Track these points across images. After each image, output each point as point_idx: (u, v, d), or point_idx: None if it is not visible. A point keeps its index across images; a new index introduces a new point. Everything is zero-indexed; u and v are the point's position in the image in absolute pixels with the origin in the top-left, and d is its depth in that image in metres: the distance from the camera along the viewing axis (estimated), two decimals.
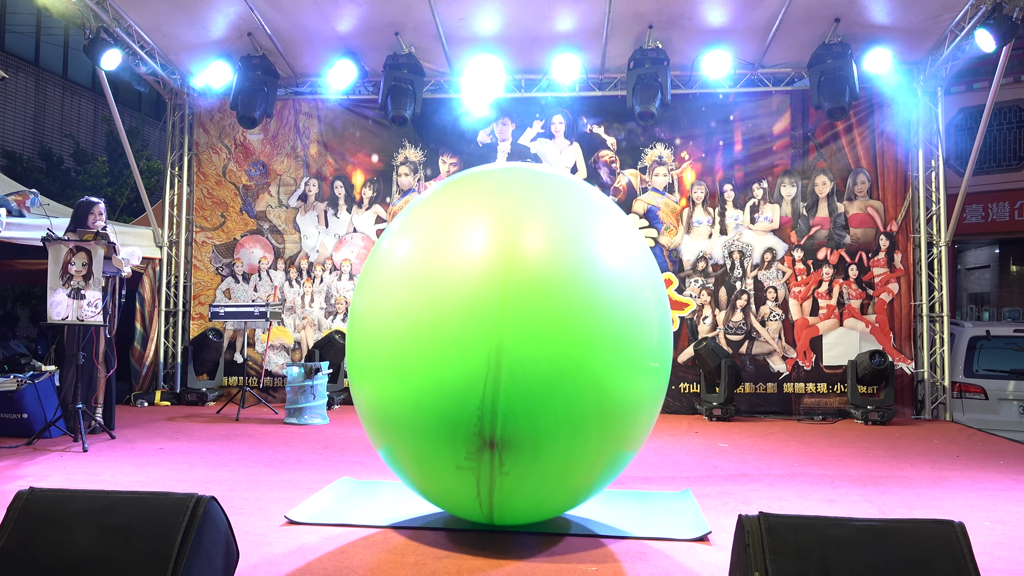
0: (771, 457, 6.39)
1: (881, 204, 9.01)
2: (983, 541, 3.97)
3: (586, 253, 3.55)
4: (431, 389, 3.36)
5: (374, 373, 3.69)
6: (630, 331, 3.53)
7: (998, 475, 5.71)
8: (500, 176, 4.12)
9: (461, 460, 3.37)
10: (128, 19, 8.27)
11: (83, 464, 5.62)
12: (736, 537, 2.78)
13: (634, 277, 3.68)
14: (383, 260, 3.79)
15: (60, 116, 17.86)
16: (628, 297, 3.58)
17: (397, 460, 3.80)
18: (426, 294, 3.43)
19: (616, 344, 3.46)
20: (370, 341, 3.68)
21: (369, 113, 9.58)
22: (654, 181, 9.25)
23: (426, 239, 3.64)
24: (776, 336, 9.01)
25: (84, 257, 6.15)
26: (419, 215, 3.85)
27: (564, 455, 3.45)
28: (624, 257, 3.71)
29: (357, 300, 3.88)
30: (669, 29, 8.26)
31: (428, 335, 3.37)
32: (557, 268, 3.42)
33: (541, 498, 3.66)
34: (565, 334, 3.33)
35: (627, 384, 3.55)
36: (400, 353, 3.48)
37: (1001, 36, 7.05)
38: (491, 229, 3.49)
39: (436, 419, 3.38)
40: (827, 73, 8.11)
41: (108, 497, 2.79)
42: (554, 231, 3.55)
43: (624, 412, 3.58)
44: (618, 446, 3.70)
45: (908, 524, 2.67)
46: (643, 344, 3.60)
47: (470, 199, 3.78)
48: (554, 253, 3.47)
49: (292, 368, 7.92)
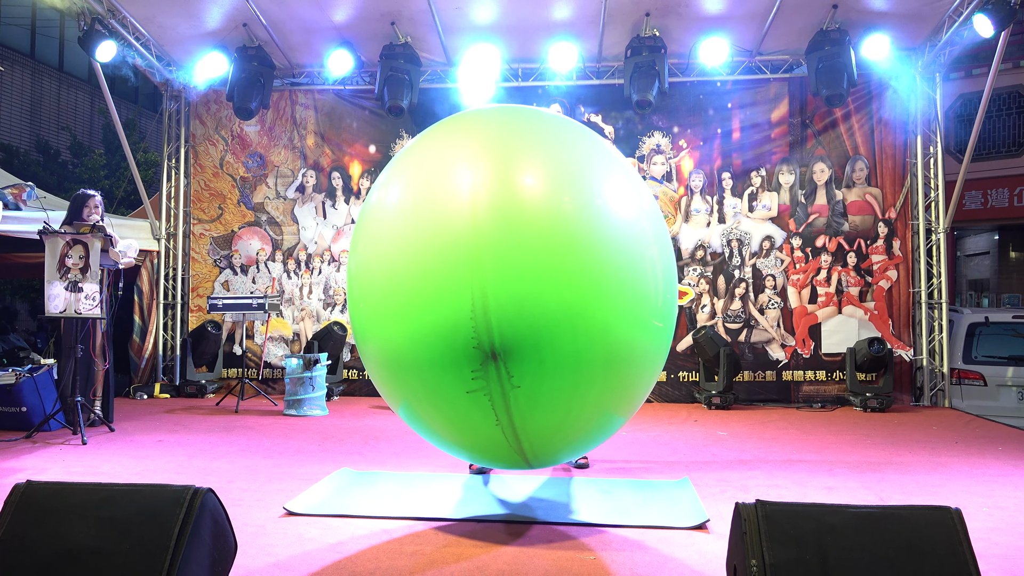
0: (770, 445, 6.40)
1: (879, 191, 8.99)
2: (981, 527, 3.98)
3: (589, 196, 3.37)
4: (423, 322, 3.22)
5: (374, 325, 3.55)
6: (634, 283, 3.35)
7: (996, 461, 5.72)
8: (499, 115, 3.92)
9: (468, 382, 3.19)
10: (123, 10, 8.23)
11: (82, 457, 5.62)
12: (733, 525, 2.78)
13: (641, 231, 3.49)
14: (371, 212, 3.66)
15: (56, 109, 17.82)
16: (633, 249, 3.39)
17: (414, 413, 3.65)
18: (410, 232, 3.31)
19: (619, 292, 3.28)
20: (367, 293, 3.56)
21: (366, 103, 9.56)
22: (652, 170, 9.23)
23: (412, 182, 3.51)
24: (775, 324, 9.01)
25: (81, 250, 6.15)
26: (408, 158, 3.70)
27: (571, 361, 3.22)
28: (632, 208, 3.52)
29: (352, 259, 3.75)
30: (666, 16, 8.23)
31: (413, 272, 3.24)
32: (548, 205, 3.26)
33: (561, 416, 3.39)
34: (548, 264, 3.16)
35: (628, 335, 3.35)
36: (393, 296, 3.35)
37: (999, 21, 7.02)
38: (476, 164, 3.31)
39: (433, 348, 3.22)
40: (825, 60, 8.08)
41: (105, 489, 2.79)
42: (548, 170, 3.39)
43: (626, 358, 3.38)
44: (615, 392, 3.50)
45: (905, 510, 2.67)
46: (647, 300, 3.42)
47: (463, 137, 3.59)
48: (549, 190, 3.31)
49: (291, 360, 7.93)
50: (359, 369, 9.38)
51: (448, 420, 3.50)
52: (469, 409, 3.28)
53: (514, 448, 3.41)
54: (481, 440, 3.48)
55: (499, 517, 4.09)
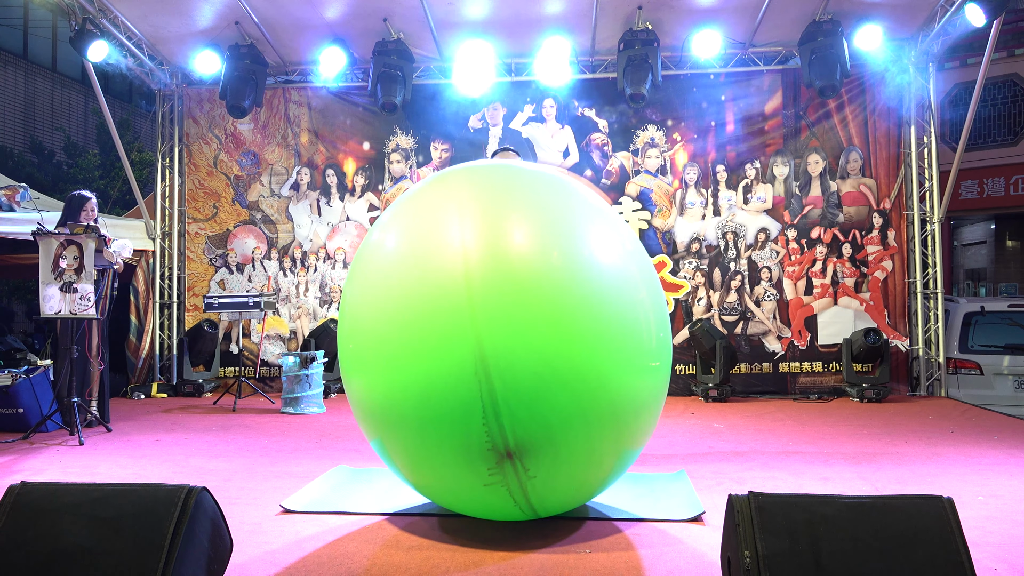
0: (766, 436, 6.42)
1: (874, 182, 9.00)
2: (976, 515, 3.99)
3: (576, 250, 3.42)
4: (429, 397, 3.25)
5: (368, 369, 3.58)
6: (627, 331, 3.41)
7: (992, 450, 5.73)
8: (486, 172, 3.95)
9: (486, 477, 3.30)
10: (114, 10, 8.21)
11: (79, 457, 5.63)
12: (727, 517, 2.79)
13: (629, 276, 3.55)
14: (372, 253, 3.70)
15: (50, 109, 17.77)
16: (623, 296, 3.45)
17: (403, 471, 3.75)
18: (406, 293, 3.33)
19: (613, 343, 3.33)
20: (363, 337, 3.59)
21: (359, 100, 9.54)
22: (646, 163, 9.22)
23: (408, 234, 3.55)
24: (771, 316, 9.02)
25: (75, 251, 6.13)
26: (405, 208, 3.74)
27: (583, 442, 3.34)
28: (617, 255, 3.57)
29: (348, 291, 3.79)
30: (659, 10, 8.22)
31: (411, 335, 3.28)
32: (539, 264, 3.29)
33: (575, 488, 3.62)
34: (552, 332, 3.20)
35: (627, 383, 3.43)
36: (390, 353, 3.38)
37: (991, 10, 7.01)
38: (470, 224, 3.34)
39: (445, 442, 3.29)
40: (818, 51, 8.07)
41: (100, 489, 2.80)
42: (538, 227, 3.42)
43: (626, 411, 3.47)
44: (625, 443, 3.62)
45: (897, 500, 2.68)
46: (642, 344, 3.49)
47: (456, 193, 3.60)
48: (538, 249, 3.34)
49: (288, 358, 7.93)
50: None
51: (461, 499, 3.69)
52: (487, 496, 3.45)
53: (527, 514, 3.62)
54: (495, 512, 3.69)
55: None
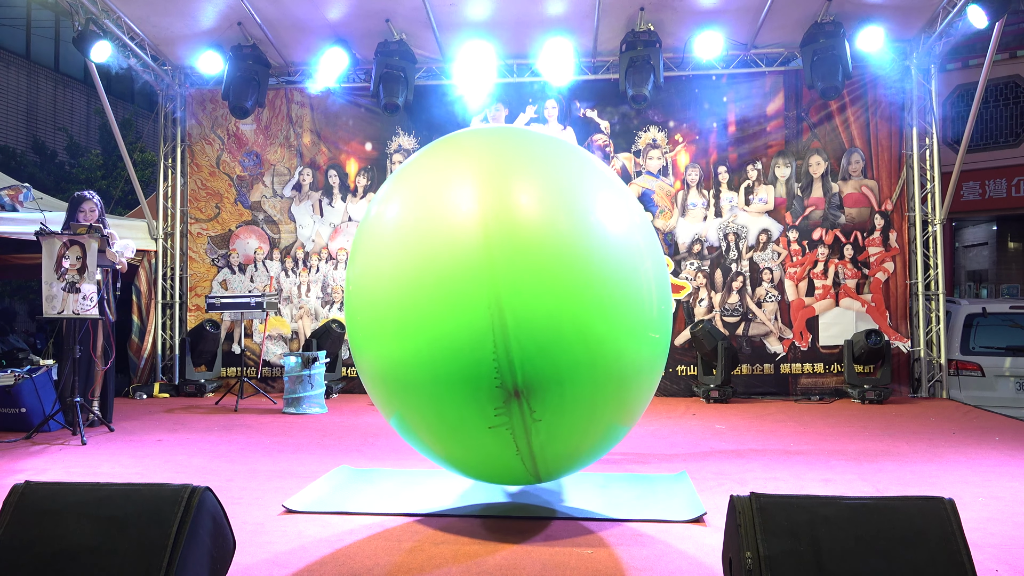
0: (767, 437, 6.42)
1: (876, 183, 9.00)
2: (977, 517, 4.00)
3: (583, 215, 3.43)
4: (442, 352, 3.26)
5: (379, 339, 3.57)
6: (629, 297, 3.42)
7: (993, 451, 5.74)
8: (494, 135, 3.97)
9: (491, 418, 3.27)
10: (117, 10, 8.23)
11: (82, 457, 5.64)
12: (728, 517, 2.80)
13: (635, 246, 3.56)
14: (375, 225, 3.69)
15: (53, 109, 17.79)
16: (627, 264, 3.47)
17: (416, 432, 3.73)
18: (420, 253, 3.33)
19: (615, 308, 3.35)
20: (372, 307, 3.59)
21: (362, 101, 9.56)
22: (648, 164, 9.23)
23: (417, 198, 3.55)
24: (772, 317, 9.03)
25: (78, 251, 6.15)
26: (408, 176, 3.74)
27: (588, 389, 3.34)
28: (625, 225, 3.59)
29: (352, 268, 3.78)
30: (661, 11, 8.23)
31: (426, 296, 3.28)
32: (550, 226, 3.31)
33: (575, 441, 3.55)
34: (561, 291, 3.22)
35: (629, 347, 3.44)
36: (403, 317, 3.38)
37: (993, 12, 7.02)
38: (481, 185, 3.35)
39: (455, 384, 3.28)
40: (820, 52, 8.08)
41: (104, 489, 2.81)
42: (548, 191, 3.45)
43: (627, 372, 3.48)
44: (623, 405, 3.62)
45: (898, 501, 2.69)
46: (643, 312, 3.50)
47: (461, 157, 3.61)
48: (548, 211, 3.36)
49: (290, 358, 7.94)
50: None
51: (466, 450, 3.63)
52: (489, 442, 3.40)
53: (530, 472, 3.57)
54: (497, 466, 3.63)
55: (497, 512, 4.10)
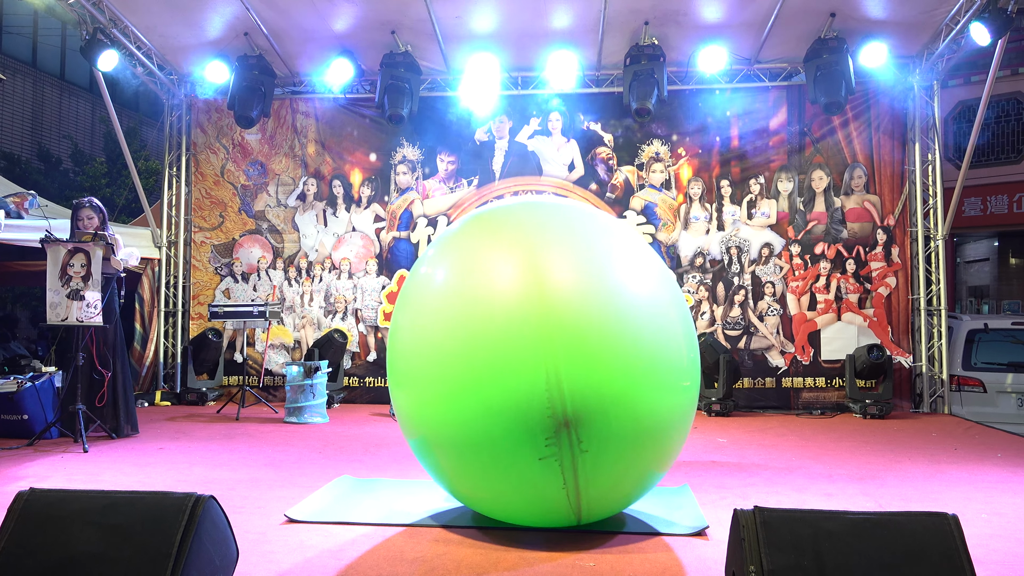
0: (769, 451, 6.41)
1: (878, 198, 9.02)
2: (979, 533, 3.99)
3: (614, 282, 3.71)
4: (499, 398, 3.48)
5: (428, 394, 3.78)
6: (662, 352, 3.67)
7: (996, 467, 5.73)
8: (526, 211, 4.22)
9: (542, 449, 3.43)
10: (124, 20, 8.28)
11: (84, 465, 5.64)
12: (732, 531, 2.80)
13: (662, 302, 3.81)
14: (424, 283, 3.99)
15: (58, 117, 17.87)
16: (658, 322, 3.72)
17: (458, 481, 3.93)
18: (481, 315, 3.60)
19: (657, 366, 3.63)
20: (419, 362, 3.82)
21: (366, 112, 9.60)
22: (651, 177, 9.26)
23: (464, 268, 3.85)
24: (774, 331, 9.03)
25: (83, 258, 6.17)
26: (452, 247, 4.04)
27: (630, 426, 3.53)
28: (650, 283, 3.85)
29: (401, 319, 4.03)
30: (665, 25, 8.27)
31: (490, 352, 3.52)
32: (590, 298, 3.58)
33: (618, 477, 3.69)
34: (601, 350, 3.49)
35: (662, 404, 3.67)
36: (457, 373, 3.61)
37: (996, 29, 7.05)
38: (522, 262, 3.65)
39: (508, 421, 3.47)
40: (823, 68, 8.11)
41: (108, 497, 2.82)
42: (580, 262, 3.72)
43: (666, 422, 3.71)
44: (663, 449, 3.83)
45: (902, 517, 2.69)
46: (675, 365, 3.73)
47: (501, 231, 3.92)
48: (585, 283, 3.63)
49: (292, 367, 7.94)
50: (359, 376, 9.40)
51: (513, 488, 3.70)
52: (538, 475, 3.53)
53: (572, 509, 3.67)
54: (543, 504, 3.71)
55: (500, 524, 4.10)
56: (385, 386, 9.29)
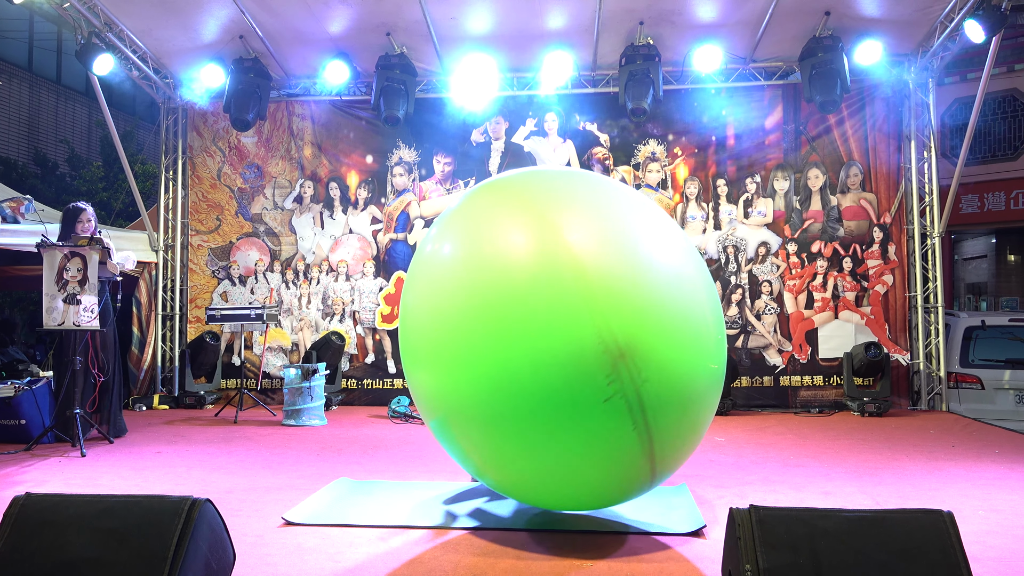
0: (767, 450, 6.42)
1: (874, 196, 9.03)
2: (976, 530, 4.00)
3: (642, 254, 3.60)
4: (543, 348, 3.34)
5: (457, 369, 3.62)
6: (691, 324, 3.57)
7: (993, 464, 5.74)
8: (532, 178, 4.12)
9: (605, 389, 3.28)
10: (119, 23, 8.27)
11: (81, 469, 5.63)
12: (728, 530, 2.81)
13: (694, 282, 3.71)
14: (433, 260, 3.89)
15: (54, 121, 17.86)
16: (691, 298, 3.62)
17: (504, 460, 3.72)
18: (494, 283, 3.52)
19: (691, 337, 3.54)
20: (444, 338, 3.68)
21: (362, 114, 9.60)
22: (647, 177, 9.26)
23: (474, 237, 3.75)
24: (771, 330, 9.04)
25: (79, 262, 6.17)
26: (456, 221, 3.93)
27: (683, 360, 3.46)
28: (680, 258, 3.75)
29: (413, 299, 3.95)
30: (660, 25, 8.28)
31: (515, 315, 3.42)
32: (616, 255, 3.50)
33: (683, 414, 3.54)
34: (641, 307, 3.40)
35: (698, 370, 3.57)
36: (490, 340, 3.48)
37: (990, 27, 7.07)
38: (535, 222, 3.59)
39: (562, 365, 3.31)
40: (818, 66, 8.12)
41: (104, 501, 2.81)
42: (604, 227, 3.63)
43: (695, 396, 3.58)
44: (696, 422, 3.72)
45: (898, 514, 2.70)
46: (705, 341, 3.63)
47: (509, 197, 3.85)
48: (609, 242, 3.54)
49: (289, 370, 7.94)
50: (357, 379, 9.40)
51: (581, 446, 3.46)
52: (605, 421, 3.35)
53: (646, 455, 3.47)
54: (616, 456, 3.50)
55: (495, 525, 4.10)
56: (383, 388, 9.35)
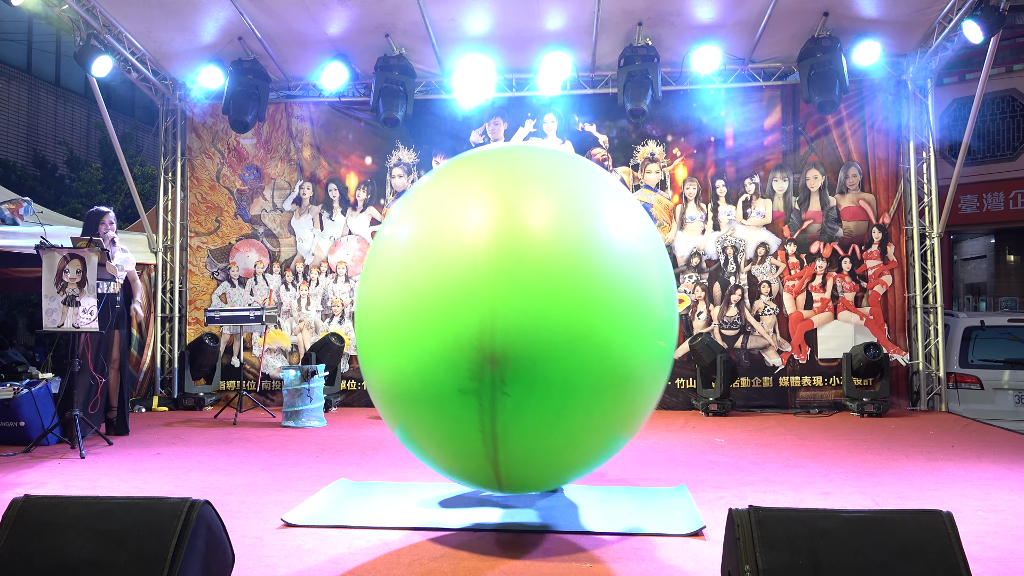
0: (767, 451, 6.42)
1: (873, 197, 9.03)
2: (976, 530, 4.00)
3: (591, 226, 3.54)
4: (433, 330, 3.37)
5: (379, 350, 3.71)
6: (635, 303, 3.49)
7: (992, 464, 5.74)
8: (500, 152, 4.10)
9: (465, 381, 3.29)
10: (118, 25, 8.27)
11: (80, 471, 5.63)
12: (727, 531, 2.80)
13: (640, 253, 3.65)
14: (382, 246, 3.87)
15: (53, 123, 17.86)
16: (634, 272, 3.54)
17: (406, 425, 3.80)
18: (422, 265, 3.48)
19: (622, 313, 3.43)
20: (374, 321, 3.72)
21: (361, 115, 9.60)
22: (646, 178, 9.27)
23: (424, 216, 3.70)
24: (771, 330, 9.04)
25: (78, 264, 6.16)
26: (417, 197, 3.89)
27: (562, 380, 3.34)
28: (631, 234, 3.68)
29: (361, 289, 3.93)
30: (658, 26, 8.28)
31: (426, 301, 3.41)
32: (557, 237, 3.42)
33: (543, 435, 3.47)
34: (565, 297, 3.32)
35: (631, 351, 3.49)
36: (401, 322, 3.51)
37: (988, 27, 7.07)
38: (489, 202, 3.51)
39: (440, 350, 3.34)
40: (817, 67, 8.13)
41: (103, 503, 2.81)
42: (555, 203, 3.57)
43: (626, 377, 3.50)
44: (618, 408, 3.59)
45: (897, 515, 2.69)
46: (649, 318, 3.56)
47: (472, 176, 3.80)
48: (556, 223, 3.48)
49: (289, 371, 7.94)
50: (357, 380, 9.40)
51: (435, 424, 3.57)
52: (456, 409, 3.38)
53: (489, 459, 3.48)
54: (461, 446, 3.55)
55: (496, 527, 4.10)
56: None
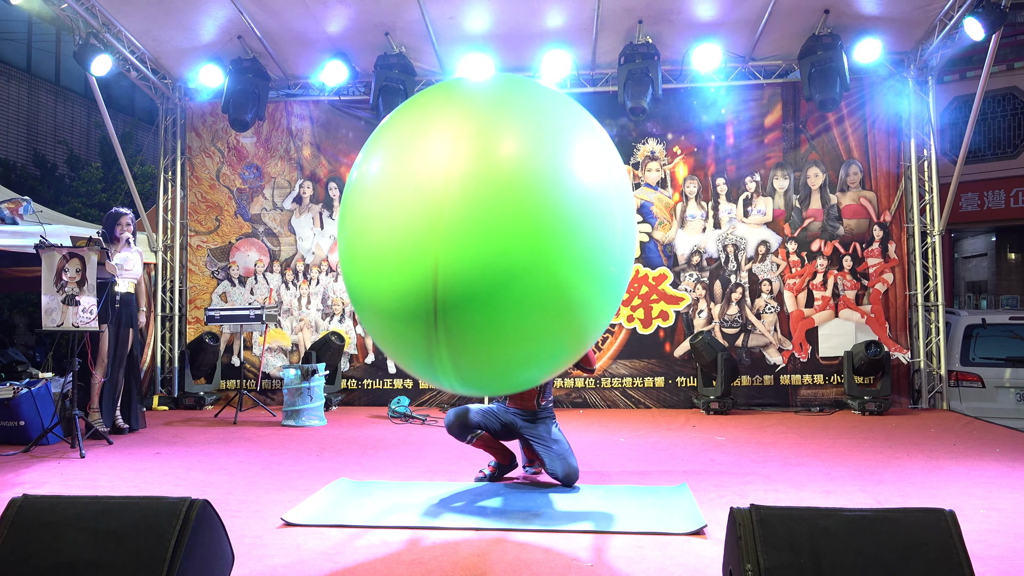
0: (768, 449, 6.41)
1: (874, 194, 9.02)
2: (978, 529, 3.99)
3: (544, 158, 3.33)
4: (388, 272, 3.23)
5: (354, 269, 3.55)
6: (586, 234, 3.31)
7: (994, 463, 5.73)
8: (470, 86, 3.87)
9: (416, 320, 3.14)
10: (117, 24, 8.26)
11: (80, 470, 5.62)
12: (728, 530, 2.79)
13: (596, 185, 3.48)
14: (349, 190, 3.65)
15: (53, 122, 17.86)
16: (586, 204, 3.36)
17: None
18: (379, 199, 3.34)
19: (574, 241, 3.26)
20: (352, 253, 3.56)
21: (361, 114, 9.58)
22: (647, 176, 9.25)
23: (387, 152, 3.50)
24: (772, 329, 9.02)
25: (77, 263, 6.16)
26: (383, 134, 3.65)
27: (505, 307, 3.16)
28: (592, 170, 3.53)
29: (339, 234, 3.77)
30: (659, 23, 8.27)
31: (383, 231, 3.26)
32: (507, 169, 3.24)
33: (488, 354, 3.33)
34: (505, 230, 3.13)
35: (577, 279, 3.30)
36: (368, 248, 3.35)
37: (990, 24, 7.06)
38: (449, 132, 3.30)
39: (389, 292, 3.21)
40: (817, 65, 8.11)
41: (102, 502, 2.80)
42: (512, 134, 3.38)
43: (573, 303, 3.33)
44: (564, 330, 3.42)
45: (899, 513, 2.68)
46: (601, 248, 3.39)
47: (442, 107, 3.58)
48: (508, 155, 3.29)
49: (289, 370, 7.93)
50: (357, 379, 9.39)
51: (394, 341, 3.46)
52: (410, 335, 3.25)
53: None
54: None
55: (497, 526, 4.09)
56: (383, 388, 9.33)
